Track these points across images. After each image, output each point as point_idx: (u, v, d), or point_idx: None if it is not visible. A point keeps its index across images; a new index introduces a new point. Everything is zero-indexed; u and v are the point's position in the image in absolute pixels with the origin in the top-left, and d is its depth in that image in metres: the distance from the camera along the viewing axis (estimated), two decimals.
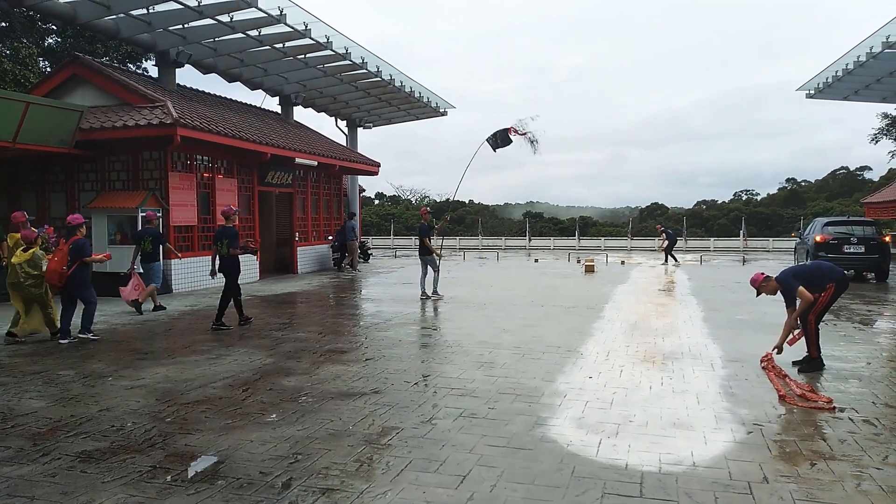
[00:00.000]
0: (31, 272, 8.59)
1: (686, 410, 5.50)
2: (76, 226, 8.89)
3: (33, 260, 8.62)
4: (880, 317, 10.95)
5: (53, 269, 8.49)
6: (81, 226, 8.97)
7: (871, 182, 56.70)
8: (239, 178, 16.54)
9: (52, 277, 8.55)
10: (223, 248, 9.72)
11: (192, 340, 8.71)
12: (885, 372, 6.90)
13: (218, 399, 5.83)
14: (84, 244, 8.76)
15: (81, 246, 8.68)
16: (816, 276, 6.84)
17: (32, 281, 8.61)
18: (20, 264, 8.56)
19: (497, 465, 4.30)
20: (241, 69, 19.03)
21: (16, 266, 8.56)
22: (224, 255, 9.73)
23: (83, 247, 8.71)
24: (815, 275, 6.86)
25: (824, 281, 6.80)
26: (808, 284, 6.76)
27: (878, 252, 16.70)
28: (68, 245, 8.64)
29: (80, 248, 8.66)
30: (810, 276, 6.86)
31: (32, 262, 8.61)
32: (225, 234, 9.77)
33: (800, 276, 6.89)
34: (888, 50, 18.58)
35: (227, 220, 9.95)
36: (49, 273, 8.54)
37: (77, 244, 8.64)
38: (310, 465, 4.28)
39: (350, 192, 25.97)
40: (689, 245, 36.76)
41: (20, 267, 8.55)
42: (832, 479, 4.06)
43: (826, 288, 6.79)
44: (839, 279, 6.86)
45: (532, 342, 8.53)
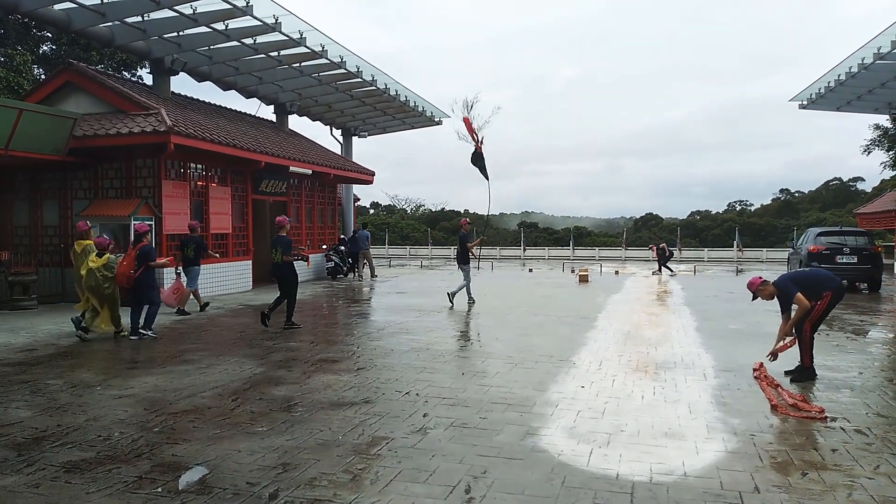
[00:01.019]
0: (108, 275, 9.35)
1: (678, 420, 5.48)
2: (142, 233, 9.83)
3: (108, 264, 9.40)
4: (873, 327, 10.96)
5: (122, 273, 9.37)
6: (147, 233, 9.94)
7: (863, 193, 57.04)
8: (233, 187, 16.50)
9: (121, 280, 9.39)
10: (278, 255, 10.38)
11: (182, 350, 8.65)
12: (876, 382, 6.90)
13: (207, 409, 5.78)
14: (150, 250, 9.72)
15: (147, 251, 9.57)
16: (813, 283, 6.83)
17: (108, 283, 9.34)
18: (97, 269, 9.30)
19: (488, 475, 4.26)
20: (236, 77, 19.01)
21: (93, 270, 9.28)
22: (278, 262, 10.38)
23: (149, 252, 9.61)
24: (812, 282, 6.85)
25: (821, 289, 6.80)
26: (805, 291, 6.74)
27: (870, 262, 16.76)
28: (135, 250, 9.52)
29: (146, 253, 9.54)
30: (807, 283, 6.85)
31: (108, 266, 9.38)
32: (280, 243, 10.42)
33: (797, 282, 6.88)
34: (880, 61, 18.70)
35: (281, 230, 10.63)
36: (118, 276, 9.38)
37: (143, 250, 9.54)
38: (298, 475, 4.23)
39: (345, 201, 25.99)
40: (683, 255, 36.81)
41: (97, 271, 9.29)
42: (823, 489, 4.04)
43: (822, 296, 6.79)
44: (835, 287, 6.86)
45: (525, 351, 8.50)
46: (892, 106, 23.66)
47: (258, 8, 14.91)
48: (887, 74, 19.93)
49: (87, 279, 9.36)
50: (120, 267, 9.42)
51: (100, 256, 9.43)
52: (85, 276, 9.40)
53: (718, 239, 49.64)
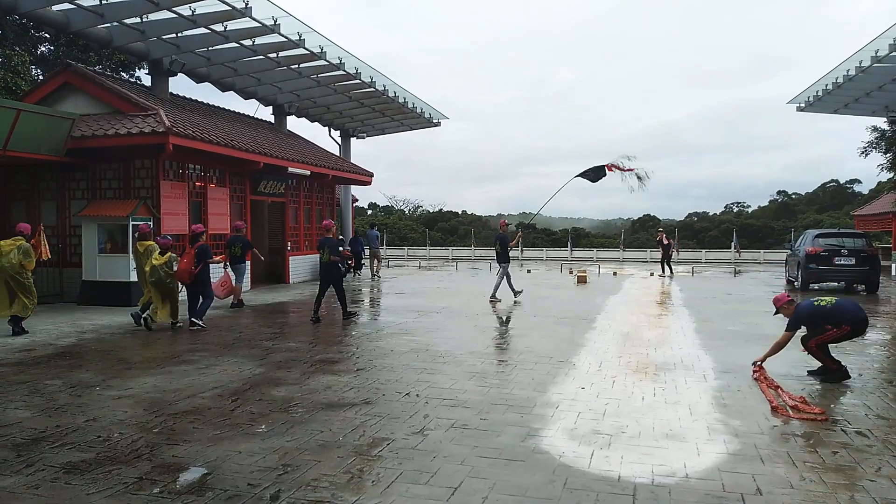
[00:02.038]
0: (169, 272, 10.34)
1: (679, 421, 5.47)
2: (199, 233, 10.94)
3: (169, 262, 10.38)
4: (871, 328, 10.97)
5: (184, 269, 10.38)
6: (203, 234, 11.02)
7: (860, 195, 57.10)
8: (231, 187, 16.48)
9: (182, 276, 10.40)
10: (325, 254, 11.41)
11: (181, 350, 8.62)
12: (876, 383, 6.90)
13: (207, 409, 5.76)
14: (207, 248, 10.80)
15: (205, 250, 10.66)
16: (835, 315, 6.80)
17: (170, 279, 10.33)
18: (160, 266, 10.23)
19: (489, 476, 4.26)
20: (235, 78, 18.99)
21: (157, 267, 10.22)
22: (326, 261, 11.42)
23: (206, 250, 10.69)
24: (834, 313, 6.81)
25: (841, 320, 6.78)
26: (828, 321, 6.78)
27: (868, 264, 16.78)
28: (194, 249, 10.55)
29: (204, 251, 10.63)
30: (829, 315, 6.82)
31: (169, 264, 10.37)
32: (327, 244, 11.49)
33: (818, 317, 6.84)
34: (877, 64, 18.76)
35: (328, 232, 11.87)
36: (180, 273, 10.38)
37: (201, 248, 10.61)
38: (298, 476, 4.22)
39: (343, 202, 25.96)
40: (681, 257, 36.87)
41: (160, 268, 10.22)
42: (825, 490, 4.04)
43: (840, 326, 6.78)
44: (856, 322, 6.81)
45: (524, 352, 8.49)
46: (888, 108, 23.70)
47: (257, 9, 14.90)
48: (884, 77, 19.99)
49: (150, 275, 10.26)
50: (181, 264, 10.45)
51: (162, 255, 10.39)
52: (149, 272, 10.30)
53: (716, 240, 49.65)
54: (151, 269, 10.29)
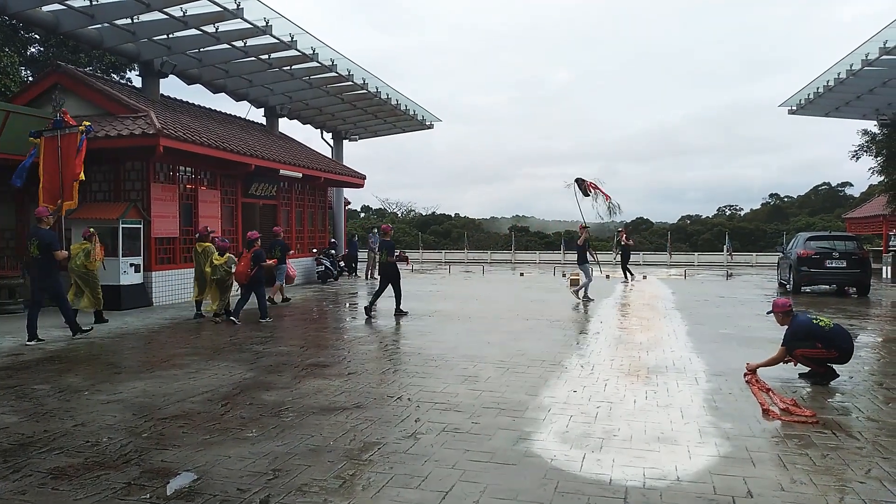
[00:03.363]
0: (228, 270, 11.70)
1: (670, 424, 5.47)
2: (254, 240, 11.89)
3: (229, 262, 11.74)
4: (862, 331, 11.02)
5: (242, 271, 11.60)
6: (258, 240, 11.92)
7: (852, 198, 57.43)
8: (222, 190, 16.43)
9: (240, 277, 11.61)
10: (384, 256, 12.56)
11: (171, 354, 8.57)
12: (867, 386, 6.93)
13: (196, 414, 5.72)
14: (261, 253, 11.87)
15: (260, 254, 11.79)
16: (831, 339, 6.88)
17: (228, 277, 11.74)
18: (221, 265, 11.66)
19: (480, 480, 4.24)
20: (226, 80, 18.95)
21: (218, 267, 11.65)
22: (384, 262, 12.55)
23: (261, 255, 11.82)
24: (829, 337, 6.89)
25: (833, 346, 6.87)
26: (820, 341, 6.84)
27: (859, 267, 16.86)
28: (250, 253, 11.68)
29: (259, 255, 11.75)
30: (825, 337, 6.89)
31: (228, 264, 11.73)
32: (385, 246, 12.65)
33: (813, 335, 6.89)
34: (868, 67, 18.89)
35: (385, 235, 12.99)
36: (238, 274, 11.63)
37: (257, 253, 11.70)
38: (289, 481, 4.19)
39: (335, 205, 25.94)
40: (673, 259, 37.00)
41: (221, 267, 11.65)
42: (816, 493, 4.04)
43: (831, 350, 6.86)
44: (846, 351, 6.91)
45: (516, 356, 8.48)
46: (879, 112, 23.87)
47: (249, 11, 14.88)
48: (875, 81, 20.13)
49: (213, 273, 11.73)
50: (239, 267, 11.70)
51: (221, 255, 11.74)
52: (211, 271, 11.74)
53: (709, 243, 49.82)
54: (213, 268, 11.73)
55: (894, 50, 17.27)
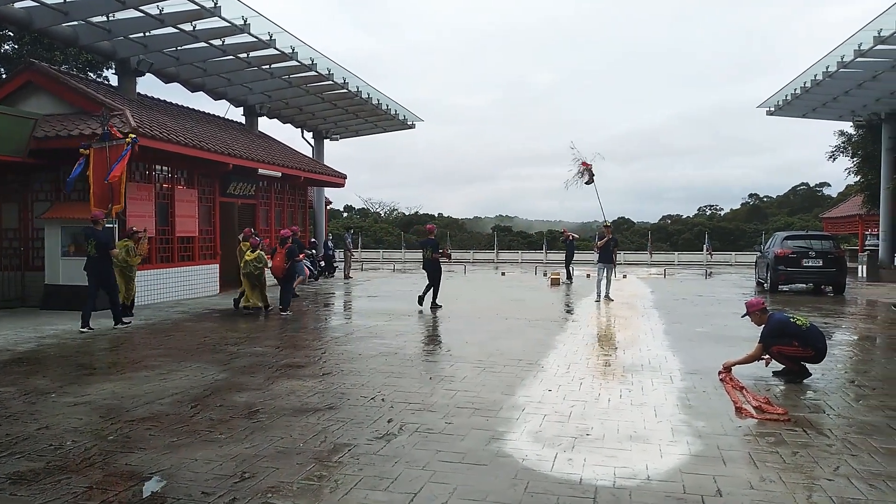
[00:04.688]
0: (259, 266, 12.68)
1: (643, 423, 5.47)
2: (286, 237, 13.06)
3: (260, 258, 12.69)
4: (837, 329, 11.13)
5: (278, 266, 12.67)
6: (290, 238, 13.16)
7: (830, 198, 58.18)
8: (200, 189, 16.25)
9: (277, 272, 12.69)
10: (428, 252, 13.69)
11: (143, 355, 8.44)
12: (838, 384, 6.98)
13: (165, 416, 5.62)
14: (294, 249, 13.01)
15: (293, 250, 12.93)
16: (807, 338, 6.97)
17: (259, 271, 12.67)
18: (251, 261, 12.61)
19: (450, 481, 4.20)
20: (205, 79, 18.76)
21: (249, 262, 12.64)
22: (428, 258, 13.67)
23: (294, 250, 13.00)
24: (805, 336, 6.97)
25: (809, 344, 6.96)
26: (797, 339, 6.92)
27: (835, 266, 17.06)
28: (284, 249, 12.70)
29: (293, 251, 12.90)
30: (801, 335, 6.96)
31: (259, 259, 12.67)
32: (429, 244, 13.84)
33: (790, 333, 6.96)
34: (843, 70, 19.13)
35: (430, 234, 14.26)
36: (275, 269, 12.73)
37: (290, 250, 12.79)
38: (255, 484, 4.12)
39: (316, 204, 25.80)
40: (654, 259, 37.23)
41: (251, 263, 12.63)
42: (784, 490, 4.04)
43: (807, 349, 6.95)
44: (818, 351, 7.00)
45: (494, 355, 8.45)
46: (854, 113, 24.20)
47: (226, 9, 14.73)
48: (850, 83, 20.40)
49: (243, 268, 12.72)
50: (275, 262, 12.73)
51: (253, 252, 12.67)
52: (242, 266, 12.76)
53: (689, 243, 50.22)
54: (244, 263, 12.68)
55: (869, 53, 17.50)
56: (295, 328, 11.08)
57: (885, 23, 15.97)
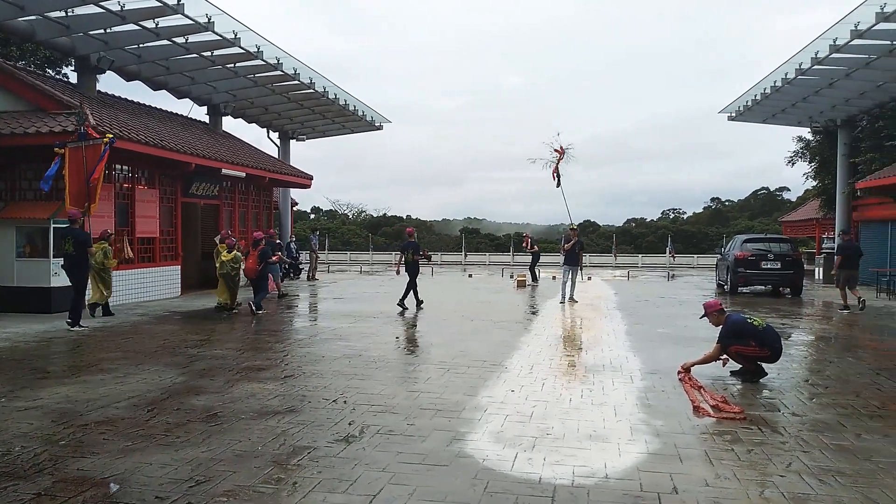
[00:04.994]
0: (235, 266, 12.96)
1: (603, 422, 5.52)
2: (259, 239, 13.55)
3: (235, 259, 12.97)
4: (794, 329, 11.40)
5: (251, 268, 13.09)
6: (262, 240, 13.65)
7: (789, 202, 59.66)
8: (161, 189, 15.95)
9: (250, 273, 13.10)
10: (409, 255, 14.06)
11: (100, 358, 8.24)
12: (793, 382, 7.15)
13: (120, 420, 5.49)
14: (267, 251, 13.53)
15: (266, 252, 13.40)
16: (763, 338, 7.13)
17: (235, 272, 12.97)
18: (228, 262, 12.93)
19: (410, 482, 4.18)
20: (167, 77, 18.42)
21: (226, 262, 12.92)
22: (409, 261, 14.02)
23: (267, 252, 13.50)
24: (762, 336, 7.14)
25: (765, 344, 7.12)
26: (754, 339, 7.08)
27: (793, 268, 17.48)
28: (257, 252, 13.11)
29: (265, 253, 13.33)
30: (758, 335, 7.13)
31: (235, 260, 12.98)
32: (410, 246, 14.24)
33: (747, 333, 7.12)
34: (801, 76, 19.59)
35: (410, 237, 14.71)
36: (247, 270, 13.09)
37: (262, 251, 13.23)
38: (211, 488, 4.05)
39: (281, 205, 25.53)
40: (618, 261, 37.70)
41: (228, 264, 12.90)
42: (738, 487, 4.12)
43: (763, 348, 7.11)
44: (774, 351, 7.18)
45: (458, 357, 8.46)
46: (812, 119, 24.80)
47: (190, 7, 14.46)
48: (808, 90, 20.90)
49: (220, 268, 12.98)
50: (248, 263, 13.07)
51: (229, 252, 12.96)
52: (219, 266, 13.03)
53: (653, 245, 50.99)
54: (221, 263, 12.91)
55: (825, 61, 17.95)
56: (257, 330, 10.95)
57: (840, 32, 16.41)
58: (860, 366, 8.14)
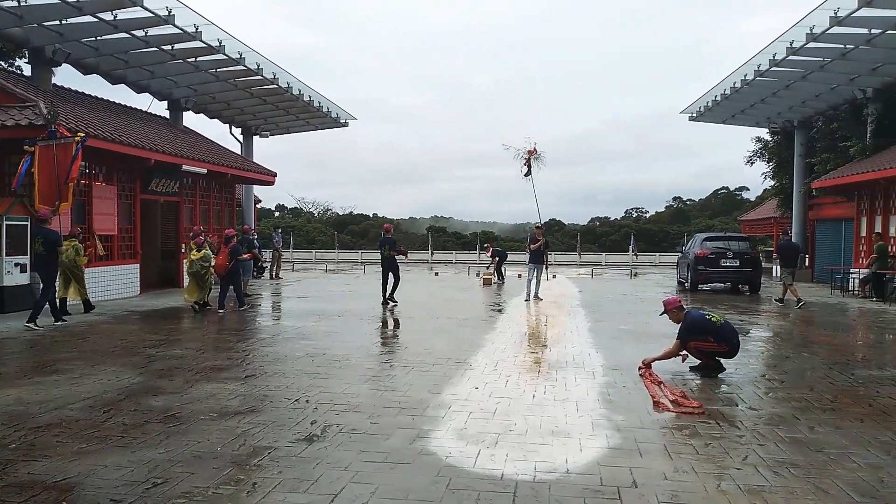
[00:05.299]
0: (204, 264, 12.77)
1: (565, 418, 5.57)
2: (231, 237, 13.59)
3: (205, 257, 12.79)
4: (752, 326, 11.67)
5: (221, 265, 12.93)
6: (234, 237, 13.75)
7: (748, 201, 60.99)
8: (119, 185, 15.58)
9: (219, 270, 12.92)
10: (386, 250, 14.26)
11: (54, 359, 8.01)
12: (751, 377, 7.31)
13: (74, 422, 5.35)
14: (237, 248, 13.47)
15: (236, 249, 13.37)
16: (721, 334, 7.30)
17: (205, 270, 12.76)
18: (197, 260, 12.71)
19: (372, 481, 4.15)
20: (126, 71, 18.03)
21: (195, 261, 12.75)
22: (386, 257, 14.22)
23: (237, 249, 13.43)
24: (720, 332, 7.31)
25: (723, 340, 7.30)
26: (713, 335, 7.24)
27: (751, 266, 17.88)
28: (227, 249, 13.04)
29: (236, 250, 13.31)
30: (717, 331, 7.29)
31: (205, 258, 12.78)
32: (387, 242, 14.45)
33: (706, 329, 7.28)
34: (759, 78, 20.07)
35: (386, 233, 14.95)
36: (217, 267, 12.91)
37: (233, 248, 13.16)
38: (168, 490, 3.97)
39: (244, 203, 25.20)
40: (583, 259, 38.12)
41: (197, 262, 12.72)
42: (695, 480, 4.19)
43: (721, 343, 7.29)
44: (732, 346, 7.36)
45: (423, 354, 8.44)
46: (770, 120, 25.41)
47: None
48: (766, 91, 21.42)
49: (189, 267, 12.92)
50: (218, 261, 12.92)
51: (198, 251, 12.81)
52: (188, 265, 13.03)
53: (616, 244, 51.67)
54: (190, 262, 12.91)
55: (782, 63, 18.42)
56: (218, 330, 10.78)
57: (797, 35, 16.85)
58: (814, 360, 8.36)
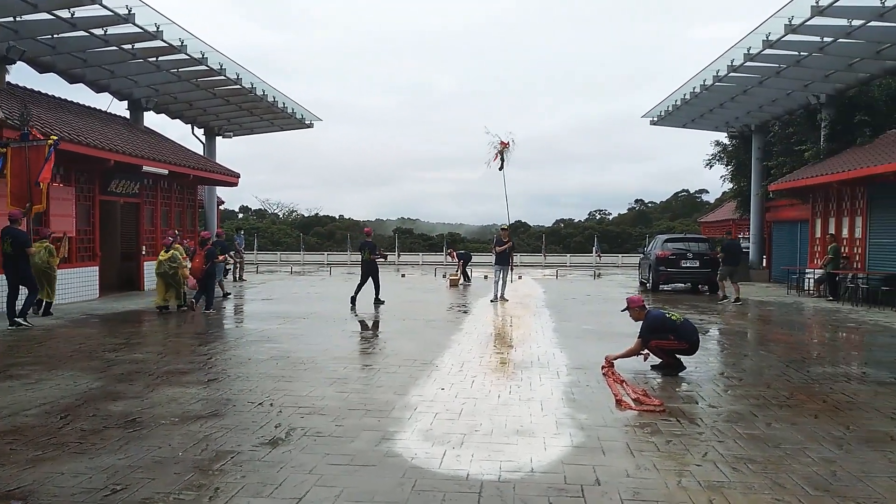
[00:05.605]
0: (173, 265, 12.79)
1: (530, 417, 5.62)
2: (206, 239, 13.86)
3: (173, 258, 12.81)
4: (711, 325, 11.92)
5: (197, 268, 12.98)
6: (210, 239, 14.00)
7: (708, 204, 62.29)
8: (77, 187, 15.21)
9: (196, 273, 12.97)
10: (366, 254, 14.67)
11: (8, 364, 7.78)
12: (710, 375, 7.47)
13: (30, 428, 5.21)
14: (213, 251, 13.45)
15: (212, 252, 13.34)
16: (680, 332, 7.50)
17: (173, 271, 12.77)
18: (165, 261, 12.78)
19: (337, 483, 4.14)
20: (85, 70, 17.57)
21: (163, 262, 12.78)
22: (366, 260, 14.64)
23: (214, 252, 13.45)
24: (680, 331, 7.50)
25: (683, 337, 7.50)
26: (673, 333, 7.43)
27: (710, 266, 18.26)
28: (204, 251, 13.11)
29: (212, 253, 13.30)
30: (677, 330, 7.48)
31: (173, 259, 12.81)
32: (367, 246, 14.79)
33: (666, 328, 7.47)
34: (718, 83, 20.51)
35: (368, 237, 15.40)
36: (194, 270, 12.99)
37: (209, 251, 13.20)
38: (128, 496, 3.89)
39: (207, 204, 24.81)
40: (548, 261, 38.46)
41: (164, 263, 12.74)
42: (657, 477, 4.27)
43: (682, 341, 7.48)
44: (692, 344, 7.56)
45: (389, 356, 8.44)
46: (728, 124, 25.98)
47: None
48: (724, 96, 21.89)
49: (157, 268, 12.87)
50: (194, 263, 13.01)
51: (166, 251, 12.84)
52: (156, 266, 12.95)
53: (580, 245, 52.25)
54: (158, 263, 12.86)
55: (740, 69, 18.86)
56: (179, 333, 10.60)
57: (754, 42, 17.27)
58: (771, 358, 8.59)
